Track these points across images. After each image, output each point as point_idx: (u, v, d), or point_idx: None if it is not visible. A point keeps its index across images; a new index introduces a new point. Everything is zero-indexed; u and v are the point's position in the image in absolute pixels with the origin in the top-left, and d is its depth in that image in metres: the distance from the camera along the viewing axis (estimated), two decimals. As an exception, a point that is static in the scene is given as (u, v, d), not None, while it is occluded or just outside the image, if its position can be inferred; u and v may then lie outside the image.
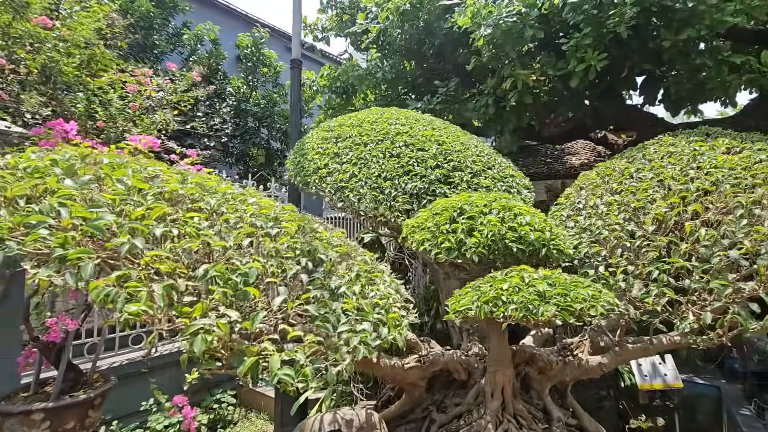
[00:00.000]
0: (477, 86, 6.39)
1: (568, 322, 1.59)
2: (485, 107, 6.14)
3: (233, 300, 1.21)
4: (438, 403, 2.48)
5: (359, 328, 1.44)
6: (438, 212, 2.28)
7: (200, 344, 1.02)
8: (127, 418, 4.71)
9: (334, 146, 3.39)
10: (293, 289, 1.46)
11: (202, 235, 1.29)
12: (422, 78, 7.70)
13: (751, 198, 2.10)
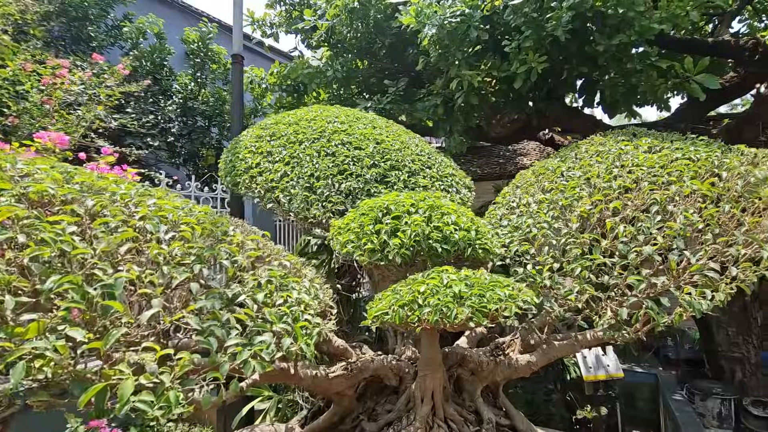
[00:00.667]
0: (427, 86, 6.40)
1: (481, 324, 1.54)
2: (435, 107, 6.15)
3: (93, 316, 1.04)
4: (369, 411, 2.39)
5: (258, 339, 1.32)
6: (364, 212, 2.19)
7: (20, 373, 0.86)
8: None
9: (268, 144, 3.22)
10: (180, 300, 1.32)
11: (60, 242, 1.11)
12: (374, 77, 7.64)
13: (665, 195, 2.16)
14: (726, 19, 7.08)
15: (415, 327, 1.61)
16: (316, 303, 1.74)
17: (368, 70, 7.70)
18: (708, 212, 1.96)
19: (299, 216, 2.68)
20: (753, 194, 2.05)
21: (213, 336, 1.19)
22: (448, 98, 5.99)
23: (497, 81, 5.79)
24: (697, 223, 1.94)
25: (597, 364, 5.97)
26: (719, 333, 5.70)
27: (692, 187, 2.14)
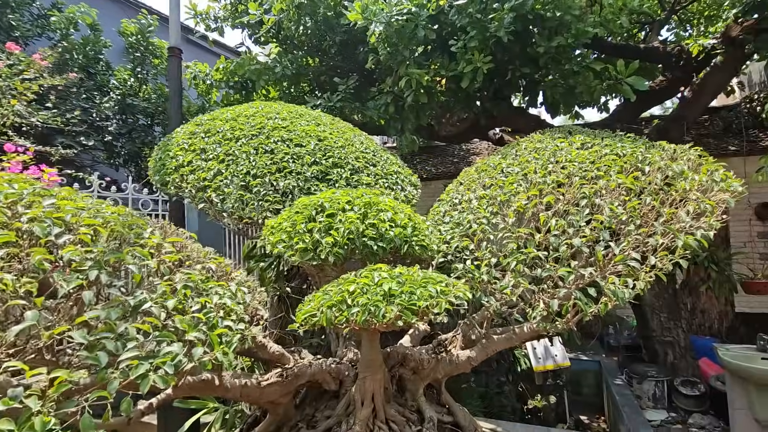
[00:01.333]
0: (378, 85, 6.37)
1: (410, 322, 1.51)
2: (385, 106, 6.13)
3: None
4: (308, 418, 2.30)
5: (164, 351, 1.20)
6: (298, 210, 2.09)
7: None
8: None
9: (202, 141, 3.03)
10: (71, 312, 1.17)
11: None
12: (326, 75, 7.51)
13: (593, 189, 2.24)
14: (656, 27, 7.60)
15: (343, 328, 1.54)
16: (241, 308, 1.62)
17: (319, 68, 7.56)
18: (631, 204, 2.04)
19: (233, 216, 2.53)
20: (671, 187, 2.16)
21: (104, 350, 1.06)
22: (399, 97, 5.99)
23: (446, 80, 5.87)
24: (621, 215, 2.02)
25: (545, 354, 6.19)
26: (653, 319, 6.09)
27: (618, 180, 2.23)
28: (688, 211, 1.91)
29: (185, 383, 1.54)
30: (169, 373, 1.12)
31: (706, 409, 5.35)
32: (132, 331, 1.16)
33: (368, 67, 6.03)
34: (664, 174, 2.20)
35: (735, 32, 5.19)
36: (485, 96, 5.93)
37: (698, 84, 5.87)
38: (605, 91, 5.09)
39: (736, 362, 4.34)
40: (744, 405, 4.52)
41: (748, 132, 8.38)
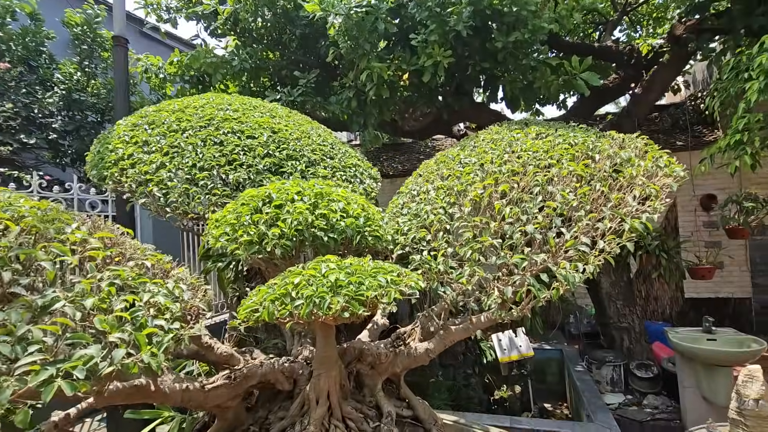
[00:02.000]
0: (340, 79, 6.26)
1: (358, 313, 1.44)
2: (348, 100, 6.04)
3: None
4: (261, 421, 2.18)
5: (78, 354, 1.07)
6: (244, 202, 1.98)
7: None
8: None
9: (144, 133, 2.84)
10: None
11: None
12: (286, 69, 7.31)
13: (546, 177, 2.25)
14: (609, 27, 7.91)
15: (286, 323, 1.45)
16: (177, 306, 1.50)
17: (280, 62, 7.35)
18: (581, 191, 2.07)
19: (177, 211, 2.37)
20: (619, 174, 2.20)
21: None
22: (361, 91, 5.91)
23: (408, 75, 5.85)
24: (572, 201, 2.03)
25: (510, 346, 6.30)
26: (610, 306, 6.33)
27: (569, 168, 2.25)
28: (634, 195, 1.95)
29: (113, 390, 1.40)
30: (80, 378, 0.99)
31: (659, 390, 5.61)
32: (37, 334, 1.02)
33: (329, 60, 5.91)
34: (613, 161, 2.24)
35: (679, 31, 5.46)
36: (447, 91, 5.95)
37: (647, 81, 6.13)
38: (561, 86, 5.22)
39: (684, 344, 4.57)
40: (692, 384, 4.77)
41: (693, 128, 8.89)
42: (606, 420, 4.77)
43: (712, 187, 8.56)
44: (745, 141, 3.60)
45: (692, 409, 4.75)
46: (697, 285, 8.74)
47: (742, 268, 8.46)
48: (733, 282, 8.64)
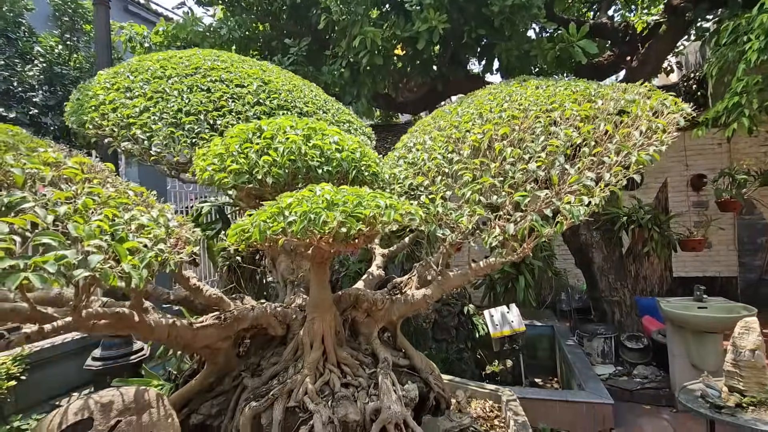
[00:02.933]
0: (332, 49, 6.09)
1: (355, 230, 1.35)
2: (340, 70, 5.89)
3: None
4: (253, 367, 2.10)
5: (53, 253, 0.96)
6: (233, 135, 1.87)
7: None
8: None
9: (127, 80, 2.68)
10: None
11: None
12: (277, 41, 7.11)
13: (549, 118, 2.17)
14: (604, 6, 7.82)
15: (278, 241, 1.36)
16: (162, 231, 1.40)
17: (270, 33, 7.14)
18: (585, 128, 1.99)
19: (161, 155, 2.25)
20: (624, 115, 2.13)
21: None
22: (354, 62, 5.76)
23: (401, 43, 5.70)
24: (576, 138, 1.96)
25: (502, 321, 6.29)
26: (602, 281, 6.36)
27: (572, 109, 2.17)
28: (641, 131, 1.88)
29: (94, 314, 1.29)
30: (51, 272, 0.90)
31: (649, 361, 5.67)
32: (1, 227, 0.92)
33: (321, 28, 5.74)
34: (617, 103, 2.17)
35: (677, 1, 5.39)
36: (442, 60, 5.83)
37: (642, 54, 6.08)
38: (558, 55, 5.13)
39: (676, 311, 4.59)
40: (682, 352, 4.81)
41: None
42: (597, 388, 4.80)
43: (702, 167, 8.61)
44: (743, 103, 3.57)
45: (681, 376, 4.80)
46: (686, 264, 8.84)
47: (729, 247, 8.58)
48: (720, 261, 8.76)
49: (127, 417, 1.50)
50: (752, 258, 8.55)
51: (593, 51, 4.94)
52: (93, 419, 1.45)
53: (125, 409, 1.50)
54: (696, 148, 8.55)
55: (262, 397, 1.81)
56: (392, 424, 1.79)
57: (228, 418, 1.91)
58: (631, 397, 5.17)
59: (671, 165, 8.72)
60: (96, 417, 1.46)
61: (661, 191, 8.99)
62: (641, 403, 5.10)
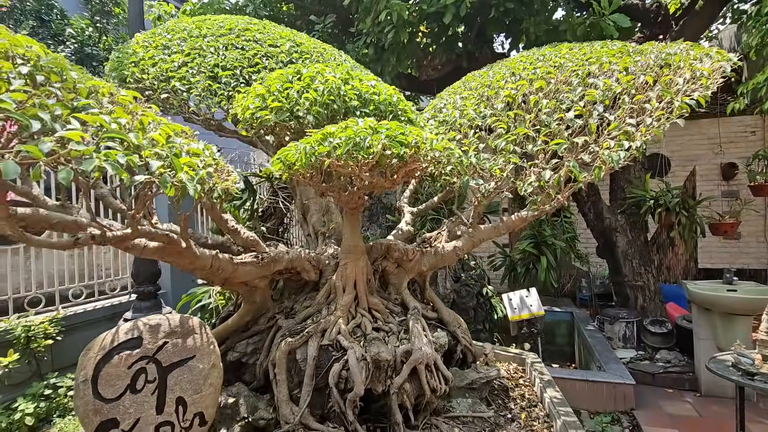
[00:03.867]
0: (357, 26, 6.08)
1: (399, 155, 1.36)
2: (365, 48, 5.88)
3: None
4: (287, 310, 2.16)
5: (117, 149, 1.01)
6: (273, 78, 1.90)
7: None
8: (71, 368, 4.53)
9: (164, 39, 2.75)
10: None
11: None
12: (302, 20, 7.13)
13: (586, 71, 2.14)
14: (634, -18, 7.57)
15: (324, 164, 1.38)
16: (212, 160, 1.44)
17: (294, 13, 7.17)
18: (625, 79, 1.96)
19: (199, 106, 2.30)
20: (664, 68, 2.08)
21: (36, 119, 0.87)
22: (378, 39, 5.74)
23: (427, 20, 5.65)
24: (616, 88, 1.93)
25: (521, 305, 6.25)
26: (626, 265, 6.25)
27: (611, 62, 2.13)
28: (685, 78, 1.84)
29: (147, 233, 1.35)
30: (121, 163, 0.94)
31: (672, 346, 5.57)
32: (74, 123, 0.97)
33: (346, 4, 5.73)
34: (659, 56, 2.12)
35: (715, -26, 5.19)
36: (468, 37, 5.76)
37: (677, 31, 5.87)
38: (588, 30, 5.01)
39: (704, 292, 4.49)
40: (708, 336, 4.71)
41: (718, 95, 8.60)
42: (618, 369, 4.75)
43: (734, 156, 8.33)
44: (786, 73, 3.44)
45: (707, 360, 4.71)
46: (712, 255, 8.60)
47: (759, 238, 8.30)
48: (750, 253, 8.48)
49: (173, 339, 1.56)
50: (783, 250, 8.25)
51: (626, 24, 4.81)
52: (142, 338, 1.52)
53: (171, 332, 1.57)
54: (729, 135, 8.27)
55: (297, 335, 1.86)
56: (423, 364, 1.82)
57: (263, 356, 1.97)
58: (653, 381, 5.09)
59: (701, 153, 8.46)
60: (145, 336, 1.53)
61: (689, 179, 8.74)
62: (663, 386, 5.02)
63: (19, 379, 4.29)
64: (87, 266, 5.43)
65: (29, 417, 4.29)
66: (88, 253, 5.39)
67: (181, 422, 1.53)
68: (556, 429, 1.95)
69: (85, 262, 5.38)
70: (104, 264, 5.64)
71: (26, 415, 4.30)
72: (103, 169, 0.92)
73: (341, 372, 1.73)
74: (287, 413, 1.73)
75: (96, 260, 5.52)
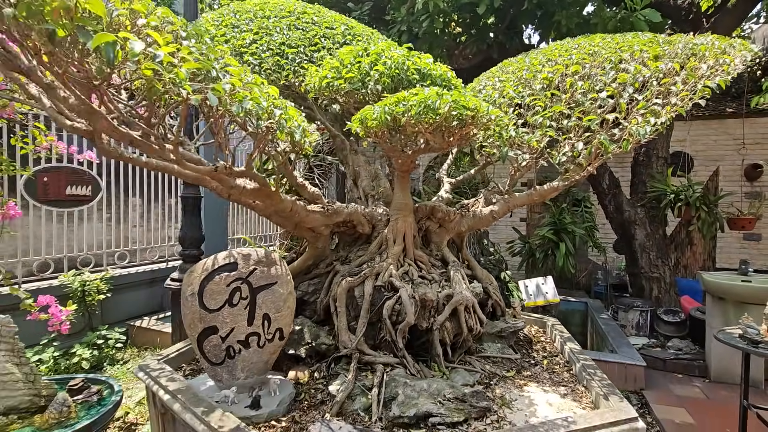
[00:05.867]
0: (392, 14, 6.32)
1: (461, 117, 1.64)
2: (398, 36, 6.12)
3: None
4: (342, 259, 2.47)
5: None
6: (344, 53, 2.19)
7: None
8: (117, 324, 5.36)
9: (232, 18, 3.06)
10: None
11: None
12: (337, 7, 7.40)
13: (619, 57, 2.37)
14: (667, -19, 7.60)
15: (399, 122, 1.67)
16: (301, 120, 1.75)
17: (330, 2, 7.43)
18: (654, 65, 2.19)
19: (270, 79, 2.61)
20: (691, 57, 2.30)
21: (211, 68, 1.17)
22: (412, 27, 5.97)
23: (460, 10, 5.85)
24: (645, 72, 2.16)
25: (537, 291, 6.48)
26: (643, 257, 6.42)
27: (642, 50, 2.36)
28: (709, 65, 2.07)
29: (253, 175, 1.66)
30: (262, 107, 1.24)
31: (684, 336, 5.75)
32: (227, 76, 1.27)
33: (383, -8, 5.97)
34: (686, 45, 2.34)
35: (749, -29, 5.26)
36: (499, 28, 5.95)
37: (709, 28, 5.95)
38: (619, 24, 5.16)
39: (718, 281, 4.67)
40: (721, 324, 4.87)
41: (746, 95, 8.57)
42: (630, 352, 4.97)
43: (759, 157, 8.34)
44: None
45: (717, 348, 4.89)
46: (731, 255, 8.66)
47: (779, 240, 8.32)
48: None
49: (260, 267, 1.89)
50: (804, 252, 8.25)
51: (657, 20, 4.95)
52: (237, 263, 1.85)
53: (259, 261, 1.89)
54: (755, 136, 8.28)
55: (355, 275, 2.17)
56: (463, 305, 2.11)
57: (323, 294, 2.29)
58: (664, 366, 5.30)
59: (724, 153, 8.49)
60: (239, 262, 1.86)
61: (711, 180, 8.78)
62: (674, 372, 5.23)
63: (75, 329, 4.74)
64: (123, 239, 5.90)
65: (86, 362, 4.76)
66: (124, 227, 5.85)
67: (265, 334, 1.86)
68: (575, 371, 2.23)
69: (121, 236, 5.85)
70: (138, 237, 6.08)
71: (83, 360, 4.77)
72: (251, 110, 1.23)
73: (394, 306, 2.04)
74: (346, 340, 2.05)
75: (131, 234, 5.97)
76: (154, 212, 6.29)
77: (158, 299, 6.30)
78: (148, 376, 1.98)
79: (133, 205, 6.01)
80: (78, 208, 5.36)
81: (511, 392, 2.02)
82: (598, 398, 1.85)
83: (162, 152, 1.35)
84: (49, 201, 5.09)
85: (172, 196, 6.51)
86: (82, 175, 5.41)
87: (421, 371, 2.04)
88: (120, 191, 5.76)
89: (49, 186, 5.09)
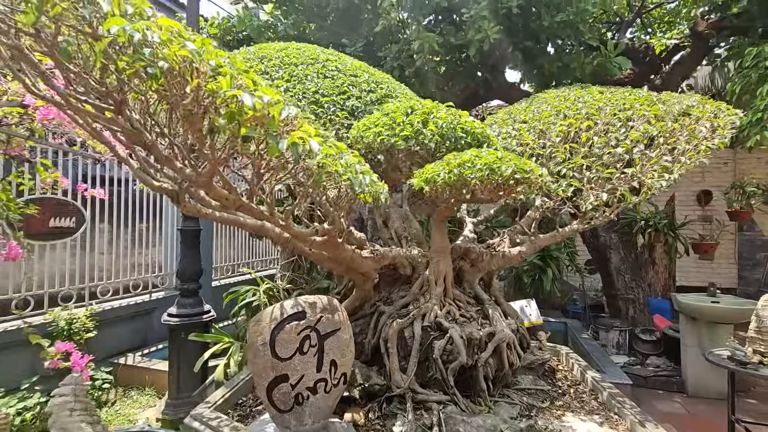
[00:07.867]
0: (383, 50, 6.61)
1: (523, 178, 1.85)
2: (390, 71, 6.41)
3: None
4: (384, 299, 2.59)
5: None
6: (389, 112, 2.37)
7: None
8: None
9: (260, 65, 3.18)
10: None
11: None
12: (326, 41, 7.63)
13: (625, 115, 2.70)
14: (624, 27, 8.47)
15: (470, 182, 1.84)
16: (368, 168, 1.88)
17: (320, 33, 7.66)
18: (659, 124, 2.52)
19: (308, 126, 2.74)
20: (685, 116, 2.67)
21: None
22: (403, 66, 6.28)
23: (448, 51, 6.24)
24: (652, 131, 2.49)
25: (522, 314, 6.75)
26: (618, 279, 6.90)
27: (644, 110, 2.70)
28: (705, 126, 2.42)
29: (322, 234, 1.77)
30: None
31: (660, 353, 6.20)
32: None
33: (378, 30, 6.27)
34: (681, 106, 2.70)
35: (701, 27, 6.01)
36: (485, 68, 6.38)
37: (668, 72, 6.68)
38: (595, 68, 5.71)
39: (692, 303, 5.13)
40: (694, 342, 5.34)
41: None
42: (615, 371, 5.30)
43: (708, 184, 9.24)
44: (765, 119, 4.15)
45: (693, 365, 5.33)
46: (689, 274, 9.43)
47: (730, 260, 9.17)
48: (721, 273, 9.33)
49: (326, 314, 1.98)
50: (751, 272, 9.14)
51: (626, 66, 5.52)
52: (305, 312, 1.93)
53: (324, 308, 1.98)
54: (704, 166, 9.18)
55: (403, 317, 2.29)
56: (505, 342, 2.28)
57: (370, 335, 2.38)
58: (645, 383, 5.68)
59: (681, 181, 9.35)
60: (307, 311, 1.94)
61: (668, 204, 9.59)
62: (654, 388, 5.62)
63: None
64: (106, 271, 5.64)
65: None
66: (107, 258, 5.62)
67: (332, 379, 1.94)
68: (602, 399, 2.44)
69: (104, 267, 5.59)
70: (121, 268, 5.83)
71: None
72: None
73: (446, 346, 2.17)
74: (398, 380, 2.15)
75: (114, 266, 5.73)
76: (137, 241, 6.06)
77: (142, 334, 6.03)
78: (207, 426, 1.99)
79: (117, 235, 5.79)
80: (61, 240, 5.10)
81: (553, 423, 2.19)
82: (634, 425, 2.06)
83: (271, 218, 1.45)
84: (31, 234, 4.84)
85: (148, 221, 6.26)
86: (66, 206, 5.17)
87: (468, 407, 2.18)
88: (105, 221, 5.56)
89: (33, 218, 4.85)
